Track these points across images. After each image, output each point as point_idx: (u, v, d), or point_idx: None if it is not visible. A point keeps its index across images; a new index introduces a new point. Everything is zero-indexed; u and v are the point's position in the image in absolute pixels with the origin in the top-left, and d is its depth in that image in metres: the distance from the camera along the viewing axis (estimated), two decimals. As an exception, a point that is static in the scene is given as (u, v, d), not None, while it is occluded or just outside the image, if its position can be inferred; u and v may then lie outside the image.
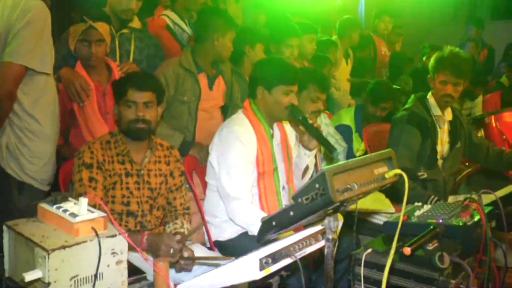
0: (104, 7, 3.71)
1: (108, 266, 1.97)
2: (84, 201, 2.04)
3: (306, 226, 2.09)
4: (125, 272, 2.03)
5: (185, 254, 2.59)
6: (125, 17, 3.72)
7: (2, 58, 2.82)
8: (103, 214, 2.03)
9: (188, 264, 2.62)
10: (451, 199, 3.53)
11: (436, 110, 3.67)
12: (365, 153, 4.44)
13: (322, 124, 4.20)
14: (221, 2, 4.71)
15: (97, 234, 1.95)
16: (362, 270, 2.04)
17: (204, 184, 3.32)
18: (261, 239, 2.02)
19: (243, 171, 3.02)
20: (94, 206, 2.04)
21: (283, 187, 3.24)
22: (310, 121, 3.10)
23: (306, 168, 3.33)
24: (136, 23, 3.91)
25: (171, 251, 2.45)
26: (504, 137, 4.82)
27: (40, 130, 2.98)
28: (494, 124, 4.92)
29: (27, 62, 2.84)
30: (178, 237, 2.52)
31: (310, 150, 3.24)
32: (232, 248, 3.05)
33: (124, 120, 2.78)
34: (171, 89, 3.54)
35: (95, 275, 1.93)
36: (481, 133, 4.89)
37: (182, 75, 3.58)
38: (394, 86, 5.13)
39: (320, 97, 3.71)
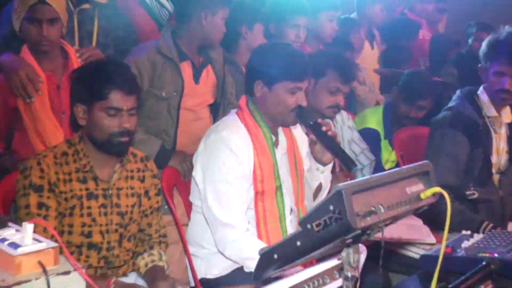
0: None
1: (59, 312, 1.97)
2: (29, 227, 2.03)
3: (318, 261, 2.09)
4: (83, 324, 2.03)
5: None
6: None
7: None
8: (54, 244, 2.03)
9: None
10: (510, 227, 3.53)
11: (490, 110, 3.67)
12: (397, 165, 4.45)
13: (344, 127, 4.23)
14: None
15: (45, 271, 1.95)
16: (392, 319, 2.04)
17: (188, 205, 3.33)
18: (259, 277, 2.01)
19: (235, 189, 3.02)
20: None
21: (291, 210, 3.23)
22: (324, 128, 3.07)
23: (319, 187, 3.33)
24: (100, -4, 3.92)
25: None
26: None
27: None
28: None
29: None
30: None
31: (323, 164, 3.23)
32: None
33: (103, 131, 2.73)
34: (145, 82, 3.54)
35: (41, 326, 1.93)
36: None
37: (159, 63, 3.59)
38: (435, 79, 5.14)
39: (340, 89, 3.74)
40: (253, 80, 3.12)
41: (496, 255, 2.24)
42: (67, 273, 1.99)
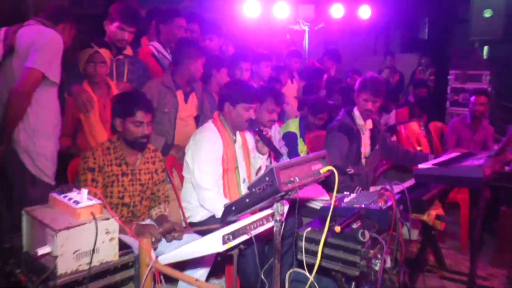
0: (105, 38, 3.66)
1: (103, 242, 1.96)
2: (85, 191, 2.01)
3: (260, 210, 2.09)
4: (117, 247, 2.02)
5: (176, 226, 2.67)
6: (120, 45, 3.66)
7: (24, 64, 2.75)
8: (100, 202, 2.01)
9: (179, 234, 2.66)
10: (371, 189, 3.57)
11: (360, 120, 3.69)
12: (307, 154, 4.45)
13: (276, 131, 4.23)
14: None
15: (94, 218, 1.94)
16: (303, 244, 2.04)
17: (181, 178, 3.29)
18: (224, 221, 2.01)
19: (211, 167, 3.01)
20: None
21: (244, 180, 3.22)
22: (264, 132, 3.12)
23: (259, 168, 3.33)
24: (129, 51, 3.85)
25: (153, 239, 2.50)
26: (410, 141, 4.92)
27: (43, 129, 2.87)
28: (403, 131, 5.02)
29: (46, 71, 2.77)
30: (160, 230, 2.59)
31: (263, 154, 3.26)
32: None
33: (132, 135, 2.73)
34: (155, 103, 3.47)
35: (93, 250, 1.91)
36: (394, 138, 4.96)
37: (163, 91, 3.54)
38: (329, 102, 5.17)
39: (275, 109, 3.73)
40: (223, 102, 3.13)
41: (363, 206, 2.26)
42: (107, 219, 1.98)
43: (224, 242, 1.93)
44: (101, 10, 4.62)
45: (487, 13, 6.64)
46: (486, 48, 7.02)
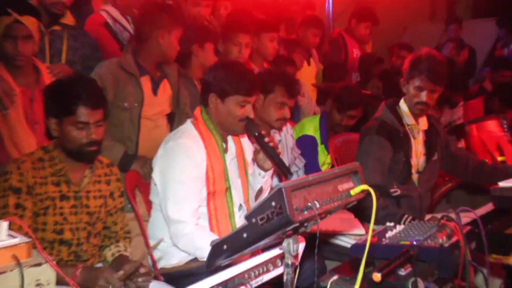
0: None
1: (32, 298, 1.96)
2: (4, 225, 2.01)
3: (263, 250, 2.11)
4: (53, 305, 2.02)
5: (142, 270, 2.65)
6: (55, 11, 3.69)
7: None
8: (27, 239, 2.01)
9: (145, 279, 2.65)
10: (427, 218, 3.58)
11: (409, 119, 3.71)
12: (332, 167, 4.47)
13: (288, 136, 4.25)
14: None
15: (18, 263, 1.93)
16: (327, 300, 2.05)
17: (148, 203, 3.31)
18: (211, 265, 2.01)
19: (189, 189, 3.03)
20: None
21: (240, 206, 3.25)
22: (267, 139, 3.09)
23: (260, 190, 3.35)
24: (69, 19, 3.88)
25: None
26: (487, 148, 4.91)
27: None
28: (475, 134, 5.02)
29: None
30: (120, 273, 2.55)
31: (265, 170, 3.26)
32: (180, 277, 3.03)
33: (73, 142, 2.71)
34: (110, 94, 3.52)
35: (17, 311, 1.91)
36: (461, 143, 4.98)
37: (122, 78, 3.58)
38: (364, 91, 5.20)
39: (287, 103, 3.77)
40: (208, 93, 3.13)
41: (414, 242, 2.26)
42: (38, 265, 1.97)
43: (212, 298, 1.94)
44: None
45: None
46: None
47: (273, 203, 1.76)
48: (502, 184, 2.80)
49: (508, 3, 9.64)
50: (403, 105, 3.73)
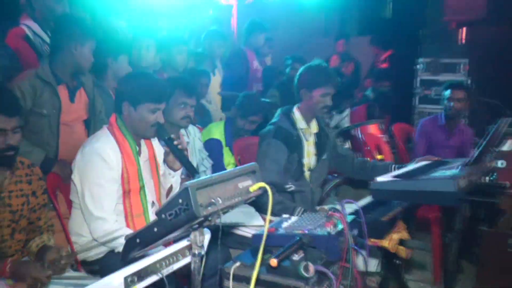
0: None
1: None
2: None
3: (174, 242, 2.12)
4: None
5: (64, 253, 2.68)
6: None
7: None
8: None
9: (67, 259, 2.67)
10: (318, 209, 3.68)
11: (301, 123, 3.79)
12: (236, 167, 4.51)
13: (196, 138, 4.26)
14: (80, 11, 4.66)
15: None
16: (231, 284, 2.08)
17: (69, 202, 3.25)
18: (126, 258, 2.01)
19: (106, 190, 3.01)
20: None
21: (153, 203, 3.25)
22: (175, 142, 3.14)
23: (170, 189, 3.36)
24: (-13, 32, 3.77)
25: (38, 285, 2.48)
26: (368, 148, 5.10)
27: None
28: (359, 136, 5.19)
29: None
30: (49, 272, 2.55)
31: (174, 170, 3.29)
32: (99, 268, 3.02)
33: None
34: (28, 102, 3.46)
35: None
36: (347, 144, 5.13)
37: (39, 86, 3.50)
38: (263, 99, 5.28)
39: (187, 102, 3.75)
40: (121, 101, 3.11)
41: (306, 231, 2.31)
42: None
43: (127, 286, 1.94)
44: None
45: (466, -13, 7.03)
46: (464, 29, 7.38)
47: (180, 200, 1.79)
48: (379, 179, 2.91)
49: (381, 24, 10.05)
50: (296, 112, 3.81)
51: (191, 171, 3.15)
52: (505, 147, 4.37)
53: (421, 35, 7.66)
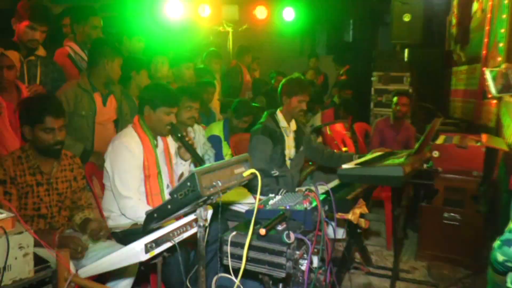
0: (13, 37, 3.51)
1: (15, 258, 1.89)
2: (-7, 206, 1.92)
3: (184, 216, 2.10)
4: (31, 263, 1.96)
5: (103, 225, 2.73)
6: (31, 45, 3.56)
7: None
8: (12, 214, 1.93)
9: (105, 233, 2.71)
10: (297, 190, 3.67)
11: (283, 123, 3.80)
12: (232, 157, 4.49)
13: (201, 135, 4.24)
14: (111, 36, 4.63)
15: (5, 232, 1.86)
16: (228, 249, 2.06)
17: (102, 186, 3.23)
18: (146, 229, 2.00)
19: (131, 174, 3.00)
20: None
21: (168, 186, 3.22)
22: (186, 138, 3.13)
23: (181, 175, 3.33)
24: (41, 51, 3.74)
25: (79, 249, 2.50)
26: (336, 142, 5.10)
27: None
28: (328, 132, 5.19)
29: None
30: (86, 243, 2.59)
31: (185, 160, 3.27)
32: (126, 237, 2.98)
33: (43, 143, 2.62)
34: (71, 106, 3.44)
35: (4, 267, 1.83)
36: (319, 139, 5.13)
37: (80, 94, 3.48)
38: (254, 104, 5.25)
39: (192, 105, 3.71)
40: (143, 105, 3.11)
41: (288, 207, 2.30)
42: (20, 233, 1.91)
43: (147, 251, 1.92)
44: (7, 5, 4.46)
45: (406, 17, 7.06)
46: (406, 50, 7.42)
47: (189, 183, 1.79)
48: (344, 166, 2.90)
49: (344, 46, 10.06)
50: (279, 114, 3.83)
51: (198, 160, 3.14)
52: (438, 141, 4.39)
53: (374, 54, 7.66)
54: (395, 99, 5.34)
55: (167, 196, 3.14)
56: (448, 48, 8.12)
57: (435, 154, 4.10)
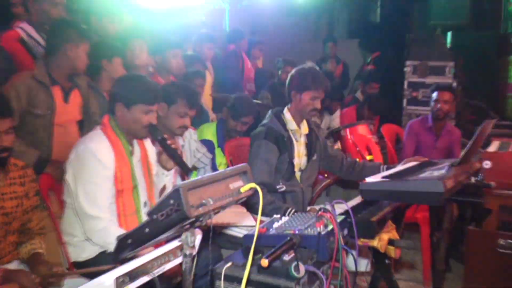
0: None
1: None
2: None
3: (166, 242, 2.09)
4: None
5: (54, 269, 2.62)
6: None
7: None
8: None
9: (58, 281, 2.65)
10: (309, 210, 3.66)
11: (292, 125, 3.80)
12: (228, 167, 4.49)
13: (192, 140, 4.23)
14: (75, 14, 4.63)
15: None
16: (222, 284, 2.06)
17: (61, 203, 3.22)
18: (117, 258, 1.99)
19: (100, 188, 2.99)
20: None
21: (145, 204, 3.22)
22: (169, 141, 3.13)
23: (163, 189, 3.34)
24: (-18, 36, 3.75)
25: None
26: (358, 149, 5.09)
27: None
28: (349, 137, 5.19)
29: None
30: (34, 277, 2.55)
31: (167, 170, 3.29)
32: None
33: None
34: (23, 102, 3.44)
35: None
36: (337, 145, 5.13)
37: (34, 87, 3.48)
38: (255, 101, 5.26)
39: (188, 113, 3.73)
40: (115, 102, 3.11)
41: (297, 231, 2.29)
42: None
43: (118, 287, 1.92)
44: None
45: (451, -7, 7.08)
46: (450, 34, 7.41)
47: (172, 201, 1.78)
48: (368, 179, 2.90)
49: (369, 28, 10.07)
50: (286, 113, 3.82)
51: (184, 170, 3.14)
52: (491, 148, 4.37)
53: (408, 39, 7.65)
54: (434, 95, 5.34)
55: (144, 217, 3.14)
56: (504, 30, 8.11)
57: (487, 164, 4.09)
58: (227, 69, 6.67)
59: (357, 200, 3.03)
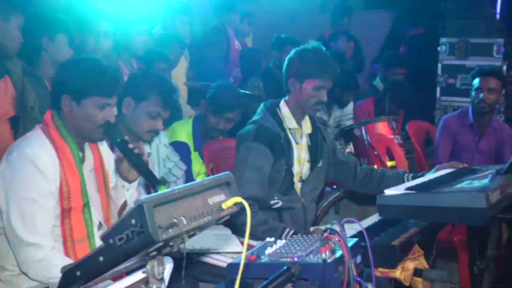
0: None
1: None
2: None
3: (128, 273, 2.12)
4: None
5: None
6: None
7: None
8: None
9: None
10: (312, 231, 3.68)
11: (290, 122, 3.81)
12: (207, 176, 4.51)
13: (161, 145, 4.22)
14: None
15: None
16: (199, 328, 2.09)
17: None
18: (63, 295, 2.01)
19: (40, 207, 2.97)
20: None
21: (100, 225, 3.23)
22: (131, 145, 3.08)
23: (124, 205, 3.33)
24: None
25: None
26: (376, 152, 5.07)
27: None
28: (365, 137, 5.17)
29: None
30: None
31: (129, 182, 3.24)
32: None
33: None
34: None
35: None
36: (350, 147, 5.14)
37: None
38: (243, 91, 5.29)
39: (161, 114, 3.74)
40: (60, 94, 3.08)
41: (296, 259, 2.31)
42: None
43: (65, 333, 1.94)
44: None
45: None
46: (499, 1, 7.43)
47: (133, 221, 1.77)
48: (388, 192, 2.92)
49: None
50: (283, 107, 3.82)
51: (151, 182, 3.12)
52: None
53: (444, 8, 7.66)
54: (477, 81, 5.38)
55: (98, 242, 3.15)
56: None
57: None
58: (206, 49, 6.69)
59: (374, 218, 3.06)
